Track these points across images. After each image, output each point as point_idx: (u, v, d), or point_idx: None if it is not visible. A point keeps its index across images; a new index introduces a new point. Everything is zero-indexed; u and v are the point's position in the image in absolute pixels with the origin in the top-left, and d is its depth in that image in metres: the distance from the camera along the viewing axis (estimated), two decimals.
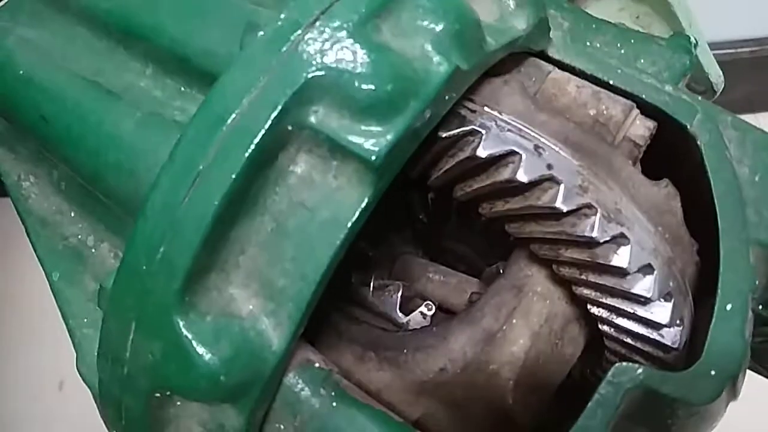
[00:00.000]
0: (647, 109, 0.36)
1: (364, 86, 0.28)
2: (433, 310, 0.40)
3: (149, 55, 0.37)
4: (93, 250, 0.40)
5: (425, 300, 0.41)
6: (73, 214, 0.41)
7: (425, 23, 0.30)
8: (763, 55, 1.38)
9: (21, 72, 0.38)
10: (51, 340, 1.25)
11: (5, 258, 1.37)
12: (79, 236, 0.40)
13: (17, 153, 0.43)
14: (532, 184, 0.32)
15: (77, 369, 0.36)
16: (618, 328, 0.34)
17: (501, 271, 0.38)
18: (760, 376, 0.45)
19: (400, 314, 0.40)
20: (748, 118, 0.40)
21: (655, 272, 0.32)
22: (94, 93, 0.37)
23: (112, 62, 0.38)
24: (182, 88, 0.36)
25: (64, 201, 0.41)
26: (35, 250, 0.41)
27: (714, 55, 0.53)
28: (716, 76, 0.53)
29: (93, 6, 0.40)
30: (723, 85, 0.54)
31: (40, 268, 0.40)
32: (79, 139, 0.36)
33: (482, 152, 0.32)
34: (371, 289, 0.40)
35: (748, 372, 0.41)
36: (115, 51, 0.39)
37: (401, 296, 0.41)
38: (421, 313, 0.40)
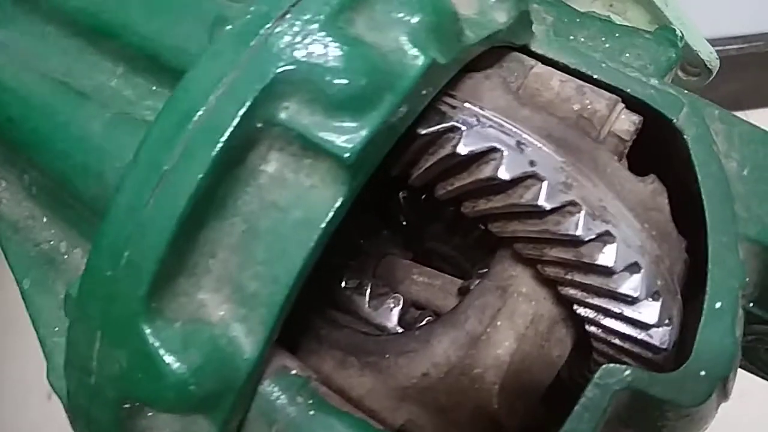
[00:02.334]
0: (633, 104, 0.35)
1: (336, 81, 0.27)
2: None
3: (120, 54, 0.36)
4: (65, 256, 0.38)
5: (419, 308, 0.40)
6: (45, 220, 0.40)
7: (400, 15, 0.29)
8: (750, 52, 1.39)
9: None
10: (39, 350, 1.23)
11: None
12: (51, 242, 0.39)
13: None
14: (515, 182, 0.31)
15: (47, 379, 0.35)
16: (605, 328, 0.33)
17: (471, 289, 0.36)
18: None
19: (399, 329, 0.39)
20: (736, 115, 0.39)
21: (642, 271, 0.31)
22: (63, 94, 0.35)
23: (82, 62, 0.37)
24: (153, 87, 0.35)
25: (36, 206, 0.40)
26: (6, 257, 0.40)
27: None
28: (707, 52, 0.51)
29: (62, 4, 0.38)
30: (718, 62, 0.52)
31: None
32: (47, 140, 0.34)
33: (463, 149, 0.31)
34: (367, 299, 0.39)
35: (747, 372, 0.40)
36: (85, 51, 0.37)
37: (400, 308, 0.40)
38: None
